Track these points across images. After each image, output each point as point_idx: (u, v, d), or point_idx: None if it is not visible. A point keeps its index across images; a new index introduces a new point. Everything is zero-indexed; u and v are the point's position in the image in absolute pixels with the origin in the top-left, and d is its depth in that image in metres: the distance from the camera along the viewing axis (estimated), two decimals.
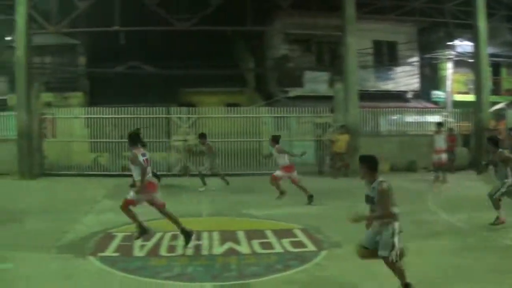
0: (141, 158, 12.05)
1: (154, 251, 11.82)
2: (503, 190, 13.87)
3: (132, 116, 25.83)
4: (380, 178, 8.76)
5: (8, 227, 14.47)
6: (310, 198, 18.08)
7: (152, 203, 12.15)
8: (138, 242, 12.33)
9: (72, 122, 26.36)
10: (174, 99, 33.20)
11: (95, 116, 26.09)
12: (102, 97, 32.73)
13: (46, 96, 30.06)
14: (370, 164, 8.99)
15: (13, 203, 17.89)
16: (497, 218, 13.89)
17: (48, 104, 29.30)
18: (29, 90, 24.63)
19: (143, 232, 12.22)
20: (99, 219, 15.41)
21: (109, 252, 11.86)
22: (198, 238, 12.62)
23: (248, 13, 26.61)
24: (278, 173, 18.41)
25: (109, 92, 33.41)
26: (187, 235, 11.95)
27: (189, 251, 11.73)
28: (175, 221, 12.13)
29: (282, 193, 18.45)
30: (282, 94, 35.03)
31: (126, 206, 12.07)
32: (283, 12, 31.68)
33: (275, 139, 18.88)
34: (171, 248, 12.01)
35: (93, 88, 36.82)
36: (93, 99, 34.96)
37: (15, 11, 24.39)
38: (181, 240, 12.24)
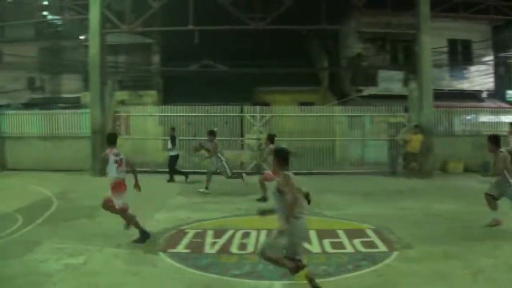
0: (112, 158, 12.57)
1: (225, 249, 11.81)
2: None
3: (206, 114, 25.95)
4: (286, 172, 8.78)
5: (81, 223, 14.75)
6: (263, 199, 17.80)
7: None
8: (209, 239, 12.41)
9: (146, 120, 26.63)
10: (248, 98, 33.24)
11: (168, 114, 26.30)
12: (175, 95, 33.06)
13: (120, 94, 30.50)
14: (278, 157, 9.10)
15: (86, 199, 18.16)
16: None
17: (122, 102, 29.72)
18: (103, 88, 24.99)
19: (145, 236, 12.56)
20: (171, 216, 15.49)
21: (180, 248, 11.92)
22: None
23: (323, 12, 26.41)
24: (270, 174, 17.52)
25: (182, 91, 33.71)
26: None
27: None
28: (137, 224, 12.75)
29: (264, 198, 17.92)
30: (356, 93, 34.71)
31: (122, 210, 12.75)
32: (358, 11, 31.31)
33: (271, 139, 18.72)
34: (242, 246, 11.98)
35: (167, 87, 37.19)
36: (167, 98, 35.33)
37: (89, 11, 24.78)
38: (252, 238, 12.24)
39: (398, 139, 26.22)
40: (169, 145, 23.29)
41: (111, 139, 13.01)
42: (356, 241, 12.31)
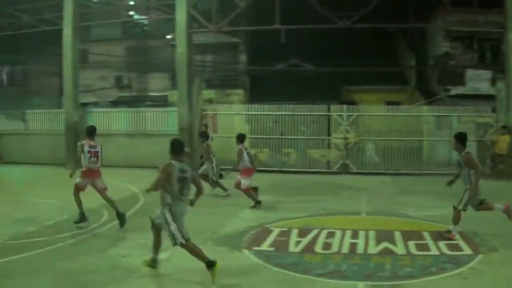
0: (86, 149, 14.25)
1: (309, 248, 11.64)
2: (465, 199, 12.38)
3: (292, 113, 25.85)
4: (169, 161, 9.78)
5: None
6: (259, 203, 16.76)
7: (94, 187, 14.32)
8: (294, 238, 12.30)
9: (233, 118, 26.68)
10: (334, 97, 33.03)
11: (255, 113, 26.30)
12: (261, 94, 33.10)
13: (208, 93, 30.71)
14: (172, 147, 10.00)
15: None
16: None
17: (209, 101, 29.91)
18: (190, 87, 25.17)
19: (82, 219, 13.93)
20: (256, 214, 15.42)
21: (265, 246, 11.83)
22: (355, 236, 12.37)
23: (409, 10, 26.00)
24: (240, 179, 17.08)
25: (269, 89, 33.72)
26: (121, 217, 13.73)
27: (345, 248, 11.50)
28: (112, 204, 14.19)
29: (257, 202, 16.81)
30: (443, 92, 34.09)
31: (76, 191, 14.11)
32: (444, 9, 30.73)
33: (240, 138, 17.97)
34: (327, 245, 11.76)
35: (253, 85, 37.29)
36: (253, 96, 35.42)
37: (175, 11, 24.99)
38: (337, 238, 12.08)
39: (486, 140, 25.53)
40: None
41: (89, 132, 14.89)
42: (441, 243, 11.93)
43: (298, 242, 12.07)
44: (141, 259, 10.24)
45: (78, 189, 14.17)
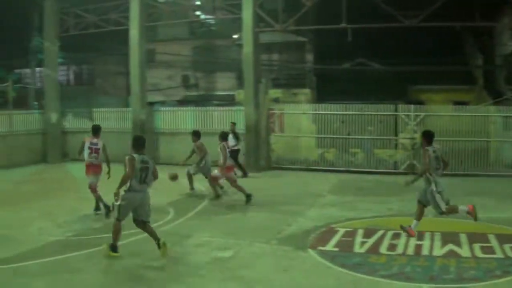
0: (87, 145, 15.68)
1: (374, 248, 11.52)
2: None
3: (359, 113, 25.63)
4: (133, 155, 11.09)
5: (232, 217, 14.94)
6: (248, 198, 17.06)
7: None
8: (359, 239, 12.24)
9: (300, 118, 26.59)
10: (401, 96, 32.71)
11: (322, 112, 26.15)
12: (328, 93, 32.91)
13: (274, 92, 30.70)
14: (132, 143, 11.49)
15: (238, 193, 18.37)
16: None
17: (276, 100, 29.91)
18: (257, 86, 25.20)
19: (107, 211, 14.92)
20: (322, 213, 15.33)
21: (330, 246, 11.74)
22: (420, 238, 12.23)
23: (477, 8, 25.58)
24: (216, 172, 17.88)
25: (335, 89, 33.51)
26: (107, 208, 14.79)
27: (410, 250, 11.35)
28: (99, 199, 15.42)
29: (217, 196, 17.91)
30: (511, 92, 33.42)
31: (92, 190, 15.54)
32: (511, 7, 30.16)
33: (222, 136, 18.51)
34: (392, 247, 11.61)
35: (320, 85, 37.18)
36: (320, 95, 35.30)
37: (242, 10, 25.07)
38: (402, 239, 11.98)
39: None
40: (232, 141, 23.04)
41: (94, 130, 16.21)
42: (507, 246, 11.60)
43: (363, 243, 11.96)
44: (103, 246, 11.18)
45: (92, 188, 15.52)
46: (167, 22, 28.67)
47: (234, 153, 22.94)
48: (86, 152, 15.66)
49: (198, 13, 30.55)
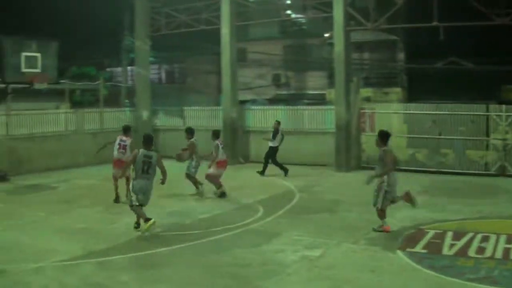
0: (117, 142, 17.44)
1: (462, 251, 11.30)
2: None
3: (450, 113, 25.16)
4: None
5: (321, 216, 14.88)
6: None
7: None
8: (448, 241, 12.01)
9: (391, 117, 26.29)
10: (494, 96, 32.00)
11: (413, 112, 25.80)
12: (419, 92, 32.51)
13: (365, 91, 30.46)
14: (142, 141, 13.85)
15: (328, 193, 18.31)
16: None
17: (367, 99, 29.68)
18: (348, 85, 25.02)
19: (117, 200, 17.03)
20: (411, 215, 15.04)
21: (418, 248, 11.59)
22: (510, 241, 11.88)
23: None
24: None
25: (427, 88, 33.07)
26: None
27: (499, 254, 11.07)
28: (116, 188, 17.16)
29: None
30: None
31: (114, 180, 17.12)
32: None
33: (216, 135, 18.96)
34: (480, 250, 11.35)
35: (411, 84, 36.74)
36: (411, 95, 34.89)
37: (333, 8, 24.93)
38: (491, 242, 11.70)
39: None
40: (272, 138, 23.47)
41: (125, 130, 17.71)
42: None
43: (452, 245, 11.74)
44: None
45: (115, 178, 17.07)
46: (258, 21, 28.72)
47: (273, 151, 23.25)
48: (115, 148, 17.45)
49: (289, 12, 30.60)
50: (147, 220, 12.86)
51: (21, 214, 15.80)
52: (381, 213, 13.19)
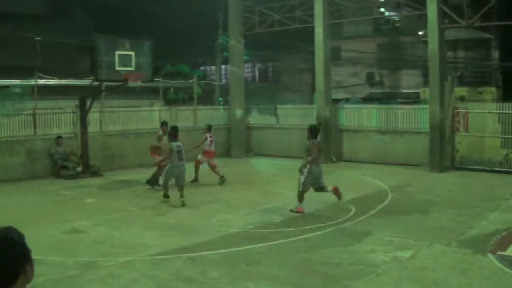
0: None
1: None
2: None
3: None
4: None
5: (413, 217, 14.81)
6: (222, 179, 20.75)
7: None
8: None
9: (485, 117, 25.87)
10: None
11: (508, 111, 25.33)
12: None
13: (459, 90, 30.02)
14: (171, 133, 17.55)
15: (421, 193, 18.24)
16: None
17: (462, 99, 29.24)
18: (442, 84, 24.73)
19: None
20: (504, 217, 14.83)
21: (510, 251, 11.35)
22: None
23: None
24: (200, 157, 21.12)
25: None
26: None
27: None
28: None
29: (195, 179, 20.82)
30: None
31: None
32: None
33: (209, 128, 21.60)
34: None
35: (506, 83, 36.01)
36: (506, 94, 34.17)
37: (426, 6, 24.68)
38: None
39: None
40: None
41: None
42: None
43: None
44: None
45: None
46: (351, 19, 28.66)
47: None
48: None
49: (382, 10, 30.42)
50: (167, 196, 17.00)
51: (113, 209, 16.44)
52: (301, 196, 15.16)
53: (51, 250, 11.63)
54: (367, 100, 37.00)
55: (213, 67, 46.36)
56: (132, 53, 21.77)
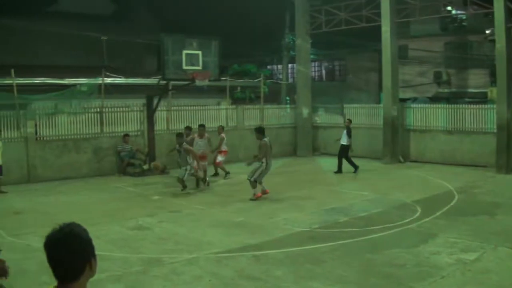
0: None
1: None
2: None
3: None
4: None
5: (479, 219, 14.61)
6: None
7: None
8: None
9: None
10: None
11: None
12: None
13: None
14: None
15: (488, 195, 18.00)
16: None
17: None
18: (510, 84, 24.32)
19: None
20: None
21: None
22: None
23: None
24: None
25: None
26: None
27: None
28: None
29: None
30: None
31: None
32: None
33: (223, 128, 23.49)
34: None
35: None
36: None
37: (493, 4, 24.31)
38: None
39: None
40: (344, 138, 23.66)
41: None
42: None
43: None
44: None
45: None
46: (418, 18, 28.39)
47: (345, 149, 23.51)
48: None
49: (449, 8, 30.09)
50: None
51: (179, 207, 16.74)
52: (254, 184, 17.67)
53: (115, 246, 11.99)
54: (434, 99, 36.59)
55: (280, 66, 46.47)
56: (199, 52, 22.04)
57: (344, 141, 23.70)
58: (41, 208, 16.64)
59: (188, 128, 22.26)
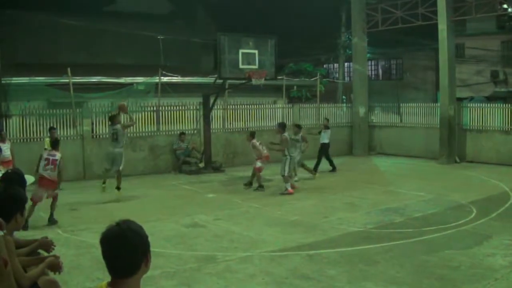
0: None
1: None
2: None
3: None
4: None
5: None
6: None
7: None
8: None
9: None
10: None
11: None
12: None
13: None
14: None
15: None
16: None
17: None
18: None
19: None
20: None
21: None
22: None
23: None
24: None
25: None
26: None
27: None
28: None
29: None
30: None
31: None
32: None
33: (252, 134, 20.96)
34: None
35: None
36: None
37: None
38: None
39: None
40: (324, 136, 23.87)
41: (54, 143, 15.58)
42: None
43: None
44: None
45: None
46: (474, 16, 28.11)
47: (324, 147, 23.82)
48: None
49: (505, 6, 29.76)
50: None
51: (234, 204, 16.98)
52: (287, 179, 18.66)
53: (170, 243, 12.24)
54: (491, 99, 36.11)
55: (336, 65, 46.43)
56: (256, 51, 22.21)
57: (324, 139, 23.85)
58: (96, 205, 17.04)
59: (297, 126, 21.84)
